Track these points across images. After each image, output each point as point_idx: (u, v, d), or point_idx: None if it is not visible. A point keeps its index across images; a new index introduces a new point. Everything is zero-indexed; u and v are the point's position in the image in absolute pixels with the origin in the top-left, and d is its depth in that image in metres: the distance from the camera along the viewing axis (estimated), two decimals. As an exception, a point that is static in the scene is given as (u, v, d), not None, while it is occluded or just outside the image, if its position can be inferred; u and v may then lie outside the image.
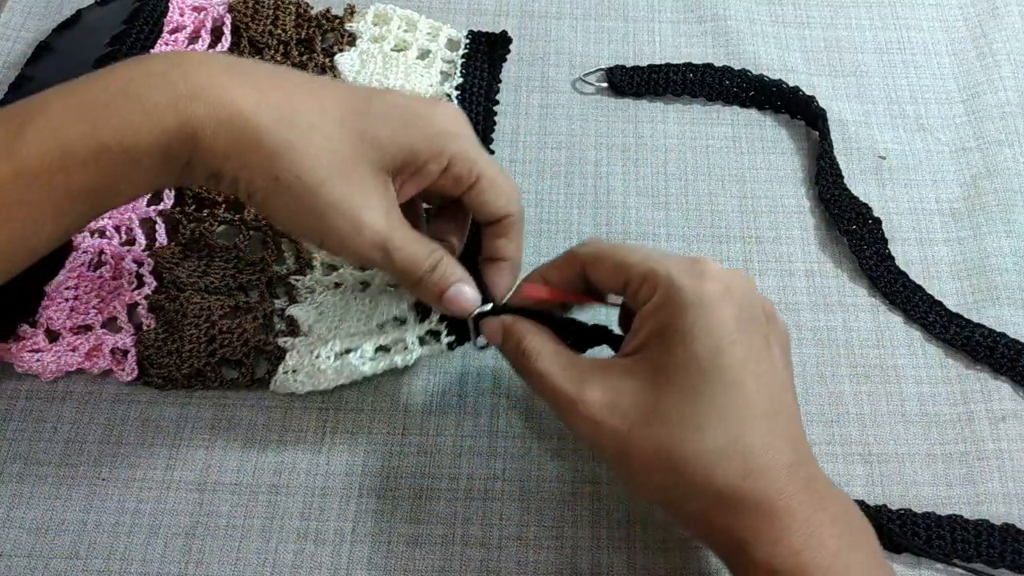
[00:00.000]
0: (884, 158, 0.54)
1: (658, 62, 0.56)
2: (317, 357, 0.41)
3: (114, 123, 0.32)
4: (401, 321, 0.42)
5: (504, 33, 0.56)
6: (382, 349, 0.41)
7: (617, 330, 0.39)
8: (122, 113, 0.33)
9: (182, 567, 0.40)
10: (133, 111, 0.33)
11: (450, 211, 0.42)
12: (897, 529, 0.41)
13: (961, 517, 0.42)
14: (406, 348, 0.41)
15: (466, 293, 0.39)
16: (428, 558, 0.41)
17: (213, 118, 0.33)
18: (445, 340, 0.40)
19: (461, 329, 0.40)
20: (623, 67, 0.56)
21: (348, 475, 0.43)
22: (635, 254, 0.35)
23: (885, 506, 0.42)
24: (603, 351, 0.39)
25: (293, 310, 0.45)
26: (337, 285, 0.45)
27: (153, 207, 0.48)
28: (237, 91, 0.34)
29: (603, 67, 0.56)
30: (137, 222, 0.47)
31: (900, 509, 0.42)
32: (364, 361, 0.40)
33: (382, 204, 0.37)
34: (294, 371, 0.42)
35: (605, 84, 0.56)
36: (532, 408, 0.45)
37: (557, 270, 0.38)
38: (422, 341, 0.41)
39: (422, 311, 0.42)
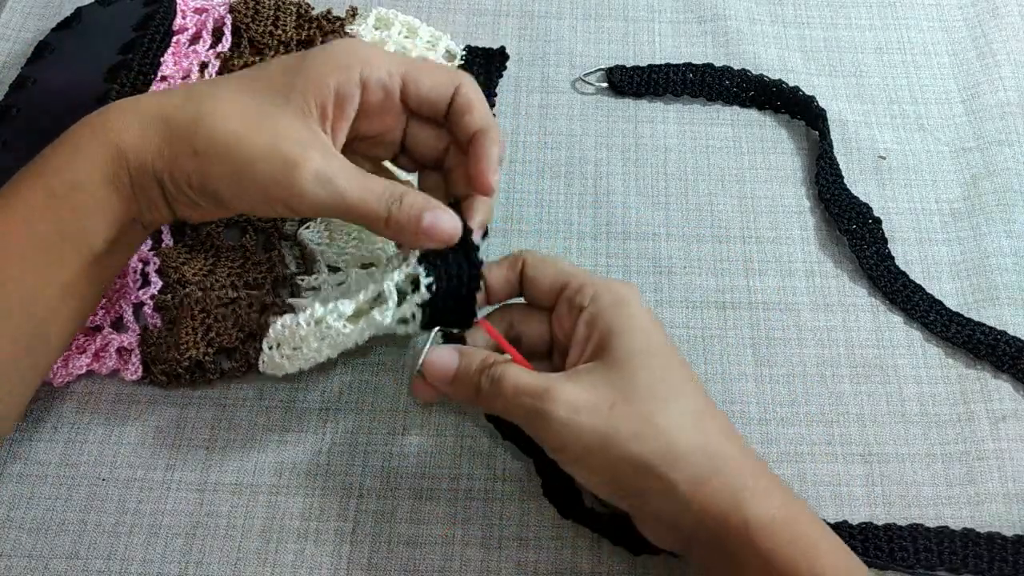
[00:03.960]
0: (884, 158, 0.54)
1: (658, 62, 0.56)
2: (297, 325, 0.39)
3: (63, 173, 0.37)
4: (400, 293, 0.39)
5: (502, 49, 0.55)
6: (362, 313, 0.39)
7: None
8: (66, 162, 0.37)
9: (182, 567, 0.40)
10: (75, 158, 0.37)
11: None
12: (910, 546, 0.41)
13: (974, 531, 0.42)
14: (382, 298, 0.37)
15: (445, 217, 0.37)
16: (428, 558, 0.41)
17: (132, 134, 0.36)
18: (424, 282, 0.36)
19: (441, 266, 0.37)
20: (623, 67, 0.56)
21: (348, 475, 0.43)
22: (571, 266, 0.39)
23: (894, 524, 0.42)
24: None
25: (292, 300, 0.45)
26: (340, 284, 0.45)
27: None
28: (146, 104, 0.38)
29: (603, 67, 0.56)
30: None
31: (911, 524, 0.42)
32: (341, 321, 0.38)
33: (313, 142, 0.36)
34: (278, 344, 0.40)
35: (605, 84, 0.56)
36: (532, 408, 0.45)
37: (498, 270, 0.39)
38: (400, 293, 0.37)
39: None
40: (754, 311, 0.48)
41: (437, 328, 0.38)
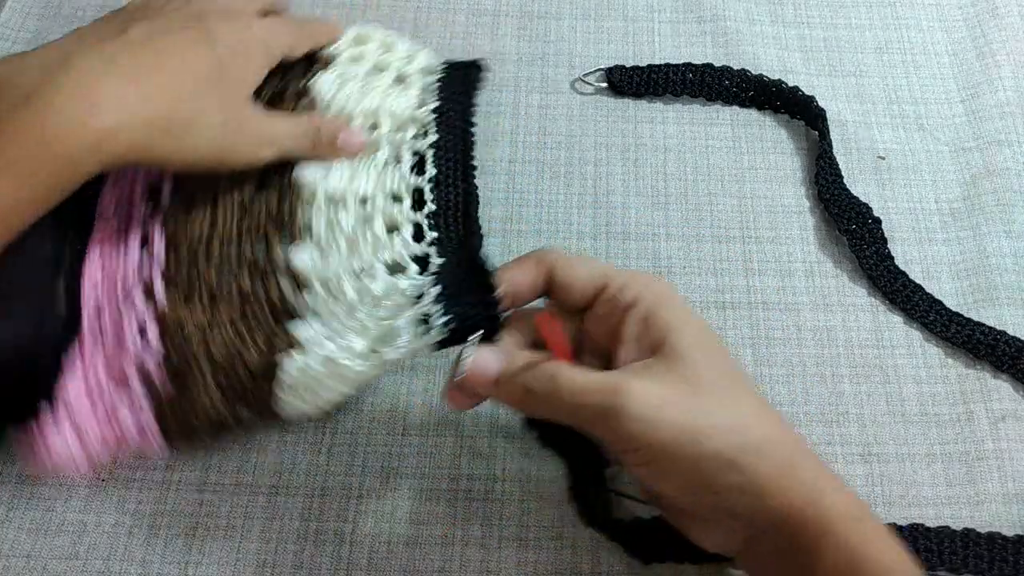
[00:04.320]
0: (884, 158, 0.54)
1: (657, 62, 0.56)
2: (307, 366, 0.39)
3: (41, 175, 0.35)
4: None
5: (477, 61, 0.52)
6: (375, 351, 0.38)
7: None
8: (48, 165, 0.35)
9: (182, 567, 0.40)
10: (57, 163, 0.35)
11: None
12: (910, 546, 0.41)
13: (974, 531, 0.42)
14: (395, 334, 0.37)
15: (353, 132, 0.45)
16: (428, 558, 0.41)
17: (124, 144, 0.36)
18: (441, 320, 0.36)
19: (459, 305, 0.36)
20: (622, 67, 0.56)
21: (348, 475, 0.43)
22: (604, 264, 0.38)
23: (894, 524, 0.42)
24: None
25: (294, 327, 0.42)
26: (337, 300, 0.42)
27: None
28: (135, 110, 0.37)
29: (603, 67, 0.56)
30: (134, 279, 0.43)
31: (911, 524, 0.42)
32: (354, 359, 0.38)
33: (259, 115, 0.42)
34: (291, 387, 0.40)
35: (605, 84, 0.56)
36: (532, 408, 0.45)
37: (522, 271, 0.37)
38: (415, 325, 0.37)
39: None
40: (754, 311, 0.48)
41: (475, 335, 0.36)
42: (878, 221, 0.50)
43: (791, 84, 0.54)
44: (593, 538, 0.41)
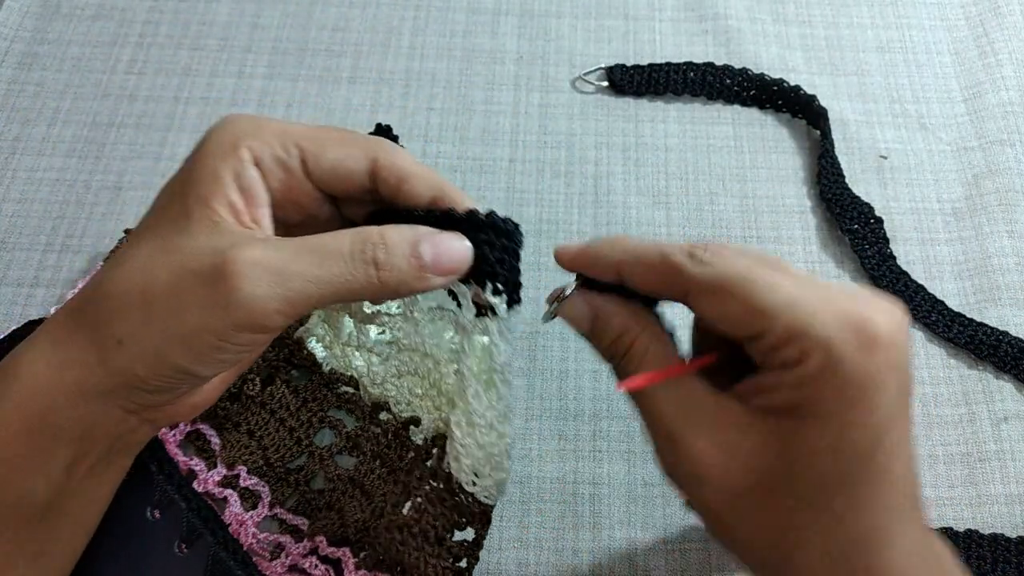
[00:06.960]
0: (886, 157, 0.54)
1: (659, 61, 0.56)
2: (468, 438, 0.35)
3: None
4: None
5: (388, 128, 0.48)
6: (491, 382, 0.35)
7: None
8: None
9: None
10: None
11: None
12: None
13: (977, 532, 0.42)
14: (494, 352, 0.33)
15: (445, 240, 0.30)
16: (428, 560, 0.41)
17: (37, 365, 0.30)
18: (496, 301, 0.31)
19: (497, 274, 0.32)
20: (623, 66, 0.55)
21: (347, 476, 0.43)
22: (776, 294, 0.26)
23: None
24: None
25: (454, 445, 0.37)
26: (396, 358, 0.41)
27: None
28: (50, 323, 0.31)
29: (603, 66, 0.56)
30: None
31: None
32: (491, 413, 0.34)
33: (235, 242, 0.28)
34: (475, 472, 0.35)
35: (605, 83, 0.56)
36: (532, 410, 0.45)
37: (643, 273, 0.30)
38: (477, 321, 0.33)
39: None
40: (755, 311, 0.48)
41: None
42: (880, 221, 0.50)
43: (793, 83, 0.54)
44: (594, 540, 0.41)
